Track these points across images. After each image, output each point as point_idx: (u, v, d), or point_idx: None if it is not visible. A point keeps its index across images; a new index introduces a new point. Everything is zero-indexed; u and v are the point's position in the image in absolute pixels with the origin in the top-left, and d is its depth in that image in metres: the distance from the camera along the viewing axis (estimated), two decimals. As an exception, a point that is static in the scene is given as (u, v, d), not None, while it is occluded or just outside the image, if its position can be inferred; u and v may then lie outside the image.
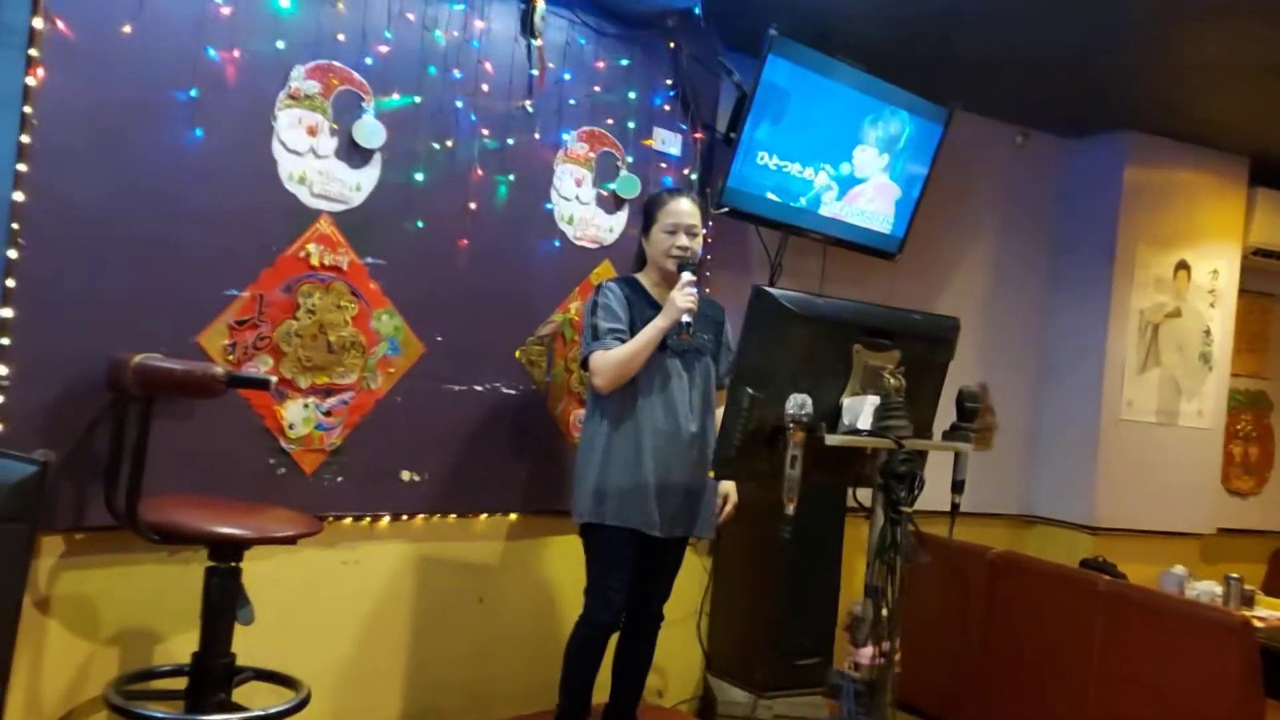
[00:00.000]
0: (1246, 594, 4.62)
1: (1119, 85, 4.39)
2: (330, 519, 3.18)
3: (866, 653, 2.30)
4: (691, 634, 4.08)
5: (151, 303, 2.82)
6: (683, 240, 3.10)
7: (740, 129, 3.76)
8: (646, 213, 3.21)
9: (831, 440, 2.24)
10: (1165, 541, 5.07)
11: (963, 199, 4.86)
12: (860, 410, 2.32)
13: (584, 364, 3.08)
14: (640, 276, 3.21)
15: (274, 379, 2.44)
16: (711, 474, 2.96)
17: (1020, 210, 5.12)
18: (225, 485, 2.91)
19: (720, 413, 3.21)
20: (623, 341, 3.01)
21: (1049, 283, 5.15)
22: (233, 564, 2.60)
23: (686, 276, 3.02)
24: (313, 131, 3.08)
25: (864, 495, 2.48)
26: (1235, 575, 4.63)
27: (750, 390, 2.30)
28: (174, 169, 2.84)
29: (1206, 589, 4.61)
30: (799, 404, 2.21)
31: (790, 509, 2.24)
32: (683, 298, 2.97)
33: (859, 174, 4.19)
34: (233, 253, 2.96)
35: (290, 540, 2.62)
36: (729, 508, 3.26)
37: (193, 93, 2.85)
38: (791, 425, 2.21)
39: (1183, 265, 5.08)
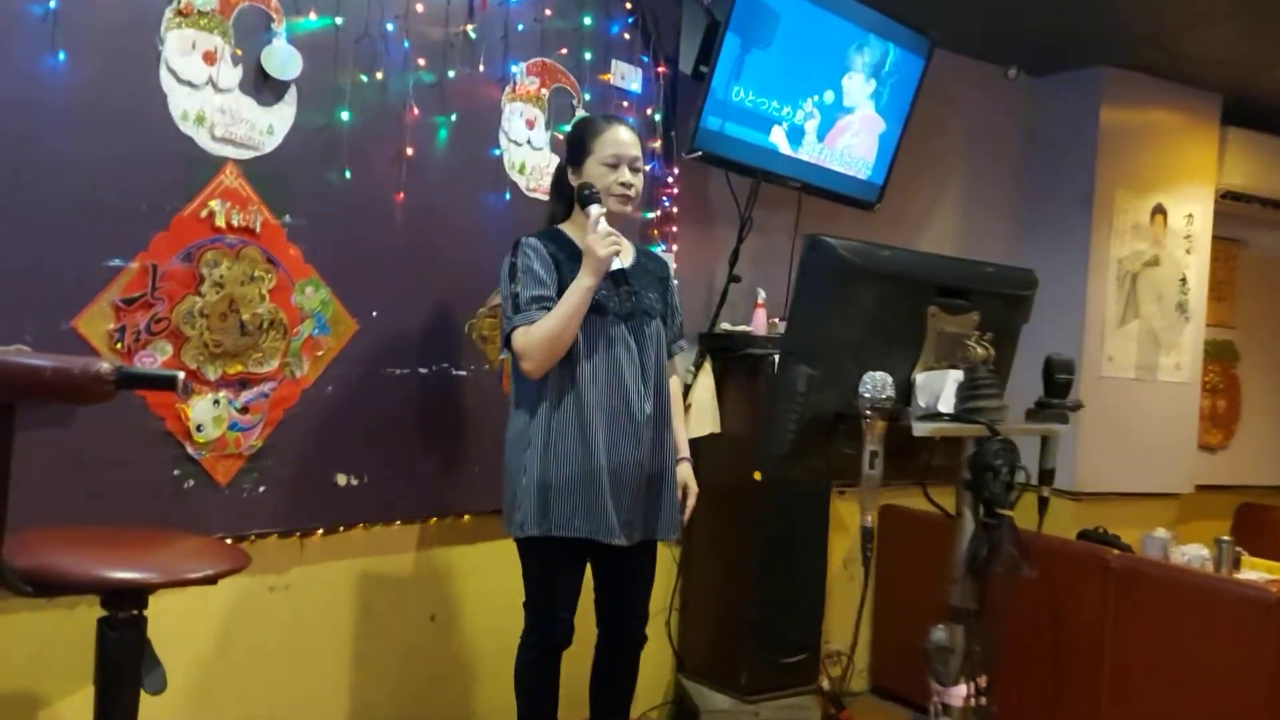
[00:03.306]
0: (1235, 556, 4.40)
1: (1097, 12, 4.04)
2: (252, 538, 2.61)
3: (959, 693, 1.85)
4: (660, 632, 3.61)
5: (10, 280, 2.21)
6: (626, 175, 2.54)
7: (714, 60, 3.24)
8: (576, 143, 2.61)
9: (921, 430, 1.77)
10: (1144, 503, 4.81)
11: (934, 143, 4.44)
12: (940, 388, 1.86)
13: (506, 344, 2.50)
14: (565, 228, 2.63)
15: (183, 375, 1.87)
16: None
17: (992, 154, 4.74)
18: (118, 508, 2.33)
19: (674, 386, 2.77)
20: (550, 311, 2.45)
21: (1024, 231, 4.78)
22: (134, 613, 2.01)
23: (595, 211, 2.46)
24: (210, 58, 2.46)
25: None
26: (1226, 538, 4.39)
27: (806, 369, 1.81)
28: (28, 104, 2.22)
29: (1195, 553, 4.36)
30: (878, 384, 1.74)
31: (869, 519, 1.77)
32: (602, 242, 2.40)
33: (848, 102, 3.74)
34: (114, 213, 2.34)
35: (210, 580, 2.04)
36: (691, 500, 2.75)
37: (51, 3, 2.21)
38: (870, 413, 1.74)
39: (1159, 210, 4.77)
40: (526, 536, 2.49)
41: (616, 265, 2.43)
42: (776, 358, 3.46)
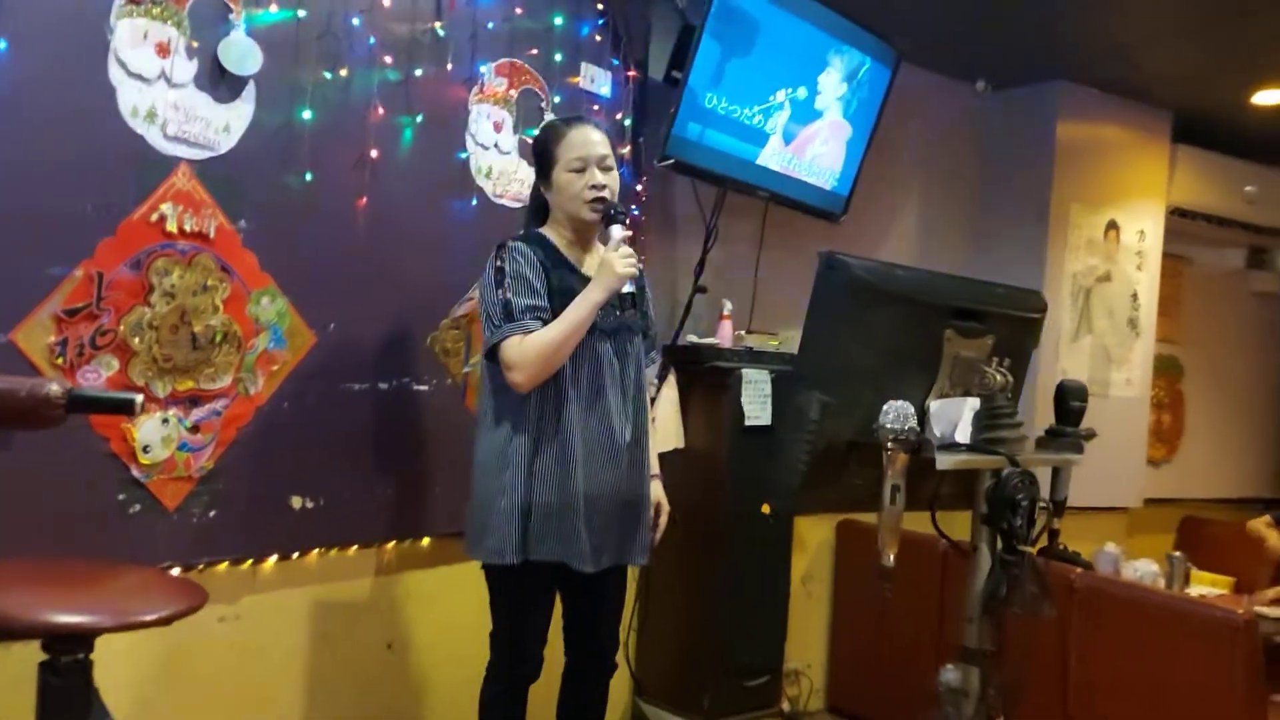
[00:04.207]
0: (1186, 571, 4.43)
1: (1055, 27, 4.04)
2: (202, 566, 2.43)
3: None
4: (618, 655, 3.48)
5: (-61, 288, 2.00)
6: (598, 177, 2.37)
7: (688, 65, 3.13)
8: (541, 152, 2.45)
9: (945, 463, 1.67)
10: (1095, 517, 4.82)
11: (895, 155, 4.40)
12: (957, 417, 1.77)
13: (490, 354, 2.32)
14: (546, 231, 2.48)
15: (140, 398, 1.69)
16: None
17: (951, 166, 4.71)
18: (57, 536, 2.15)
19: (665, 399, 2.65)
20: (545, 322, 2.29)
21: (982, 244, 4.76)
22: (80, 657, 1.83)
23: (618, 233, 2.33)
24: (164, 51, 2.28)
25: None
26: (1177, 554, 4.42)
27: (820, 395, 1.71)
28: (-36, 97, 2.02)
29: (1146, 568, 4.38)
30: (899, 415, 1.65)
31: (890, 557, 1.67)
32: (622, 261, 2.27)
33: (819, 103, 3.66)
34: (57, 216, 2.15)
35: (164, 622, 1.86)
36: (663, 519, 2.62)
37: (-9, -15, 2.02)
38: (892, 445, 1.64)
39: (1113, 225, 4.79)
40: (504, 564, 2.34)
41: (629, 288, 2.29)
42: (742, 371, 3.40)
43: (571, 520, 2.33)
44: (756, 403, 3.35)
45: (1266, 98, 4.55)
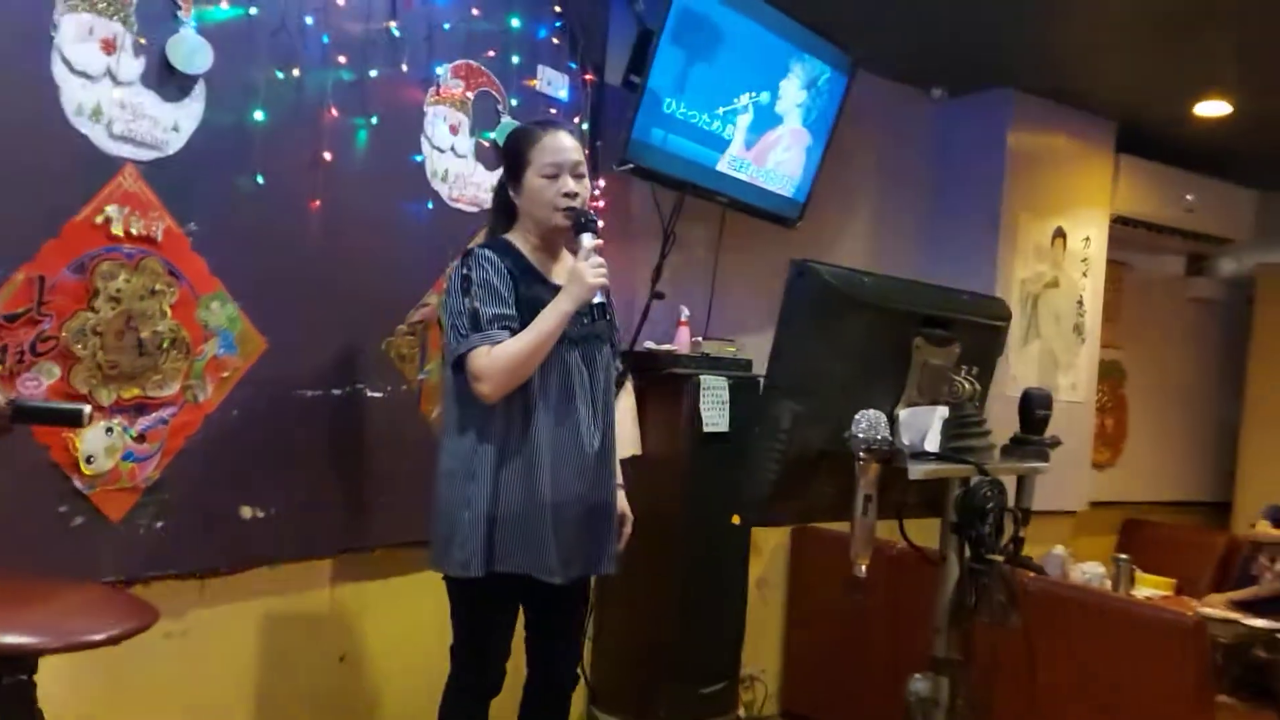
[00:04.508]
0: (1131, 573, 4.50)
1: (1005, 35, 4.07)
2: (147, 580, 2.35)
3: (944, 747, 1.76)
4: (573, 664, 3.44)
5: None
6: (570, 184, 2.33)
7: (646, 70, 3.11)
8: (513, 155, 2.40)
9: (917, 472, 1.67)
10: (1043, 521, 4.83)
11: (848, 162, 4.41)
12: (926, 425, 1.76)
13: (457, 365, 2.27)
14: (512, 238, 2.42)
15: (89, 409, 1.62)
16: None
17: (904, 173, 4.73)
18: (-5, 551, 2.04)
19: (622, 405, 2.61)
20: (513, 332, 2.24)
21: (934, 251, 4.79)
22: (22, 678, 1.75)
23: (589, 241, 2.28)
24: (109, 47, 2.20)
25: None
26: (1123, 556, 4.49)
27: (791, 404, 1.69)
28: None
29: (1094, 571, 4.45)
30: (871, 424, 1.63)
31: (862, 568, 1.66)
32: (593, 271, 2.23)
33: (780, 107, 3.64)
34: (-4, 218, 2.06)
35: (113, 642, 1.79)
36: (626, 529, 2.59)
37: (-72, -23, 1.93)
38: (864, 455, 1.63)
39: (1060, 233, 4.85)
40: (468, 577, 2.28)
41: (599, 299, 2.25)
42: (700, 378, 3.38)
43: (538, 531, 2.29)
44: (715, 409, 3.34)
45: (1208, 109, 4.64)
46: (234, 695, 2.63)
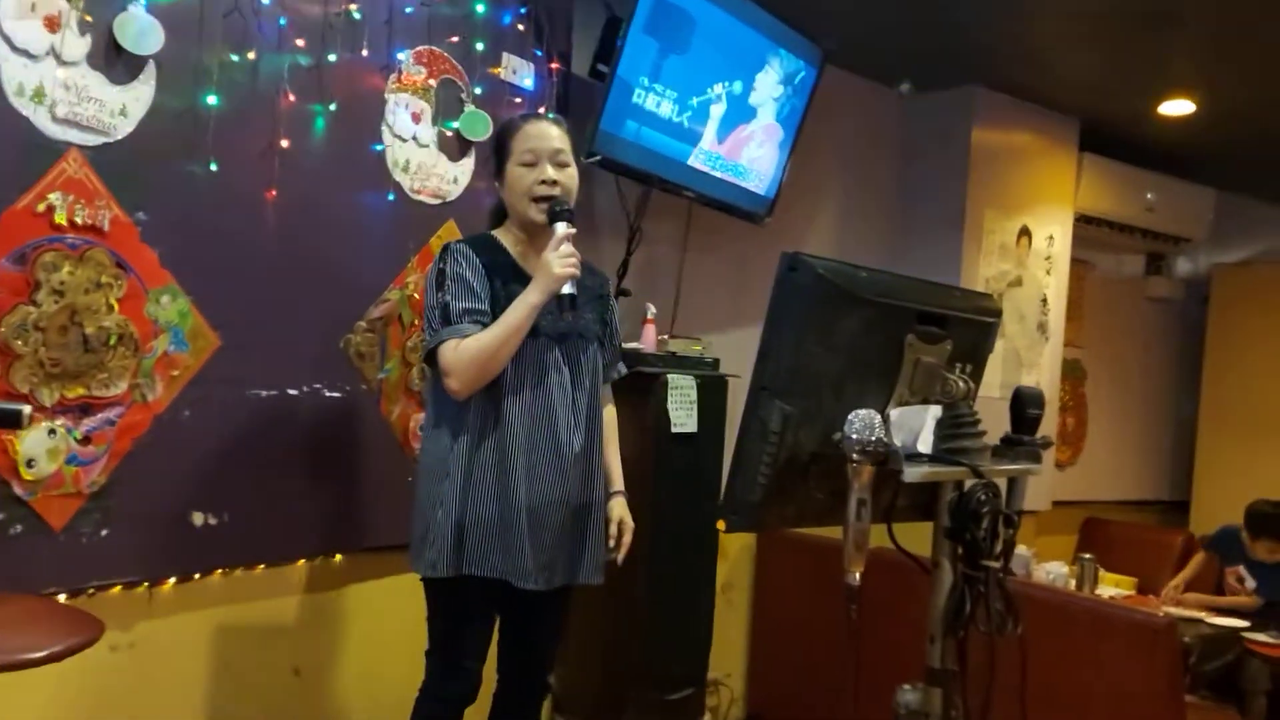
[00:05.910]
0: (1095, 572, 4.50)
1: (970, 31, 4.04)
2: (91, 590, 2.23)
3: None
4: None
5: None
6: (548, 173, 2.25)
7: (614, 60, 3.01)
8: (498, 147, 2.35)
9: (913, 475, 1.59)
10: (1006, 521, 4.85)
11: (814, 157, 4.34)
12: (918, 425, 1.69)
13: (429, 358, 2.22)
14: (498, 234, 2.36)
15: (29, 410, 1.50)
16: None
17: (870, 171, 4.69)
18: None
19: (609, 414, 2.56)
20: (484, 326, 2.18)
21: (899, 248, 4.75)
22: (-44, 700, 1.63)
23: (561, 229, 2.20)
24: (53, 24, 2.07)
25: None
26: (1087, 556, 4.49)
27: (782, 405, 1.61)
28: None
29: (1058, 570, 4.44)
30: (865, 425, 1.55)
31: (856, 575, 1.58)
32: (560, 260, 2.15)
33: (754, 99, 3.56)
34: (-72, 205, 1.93)
35: (56, 659, 1.68)
36: (627, 538, 2.49)
37: None
38: (858, 457, 1.55)
39: (1024, 232, 4.83)
40: (439, 578, 2.20)
41: (568, 290, 2.16)
42: (667, 377, 3.29)
43: (513, 534, 2.21)
44: (683, 409, 3.25)
45: (1170, 108, 4.64)
46: (184, 710, 2.50)
